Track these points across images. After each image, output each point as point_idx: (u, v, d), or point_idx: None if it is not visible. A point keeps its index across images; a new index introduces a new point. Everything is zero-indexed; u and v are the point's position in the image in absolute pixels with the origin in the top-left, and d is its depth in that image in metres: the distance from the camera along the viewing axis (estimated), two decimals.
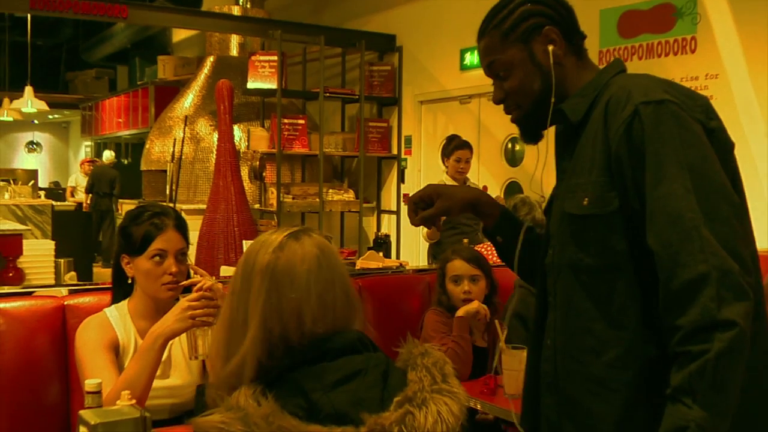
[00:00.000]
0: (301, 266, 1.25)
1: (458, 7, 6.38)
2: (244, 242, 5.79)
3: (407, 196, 6.98)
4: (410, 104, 7.18)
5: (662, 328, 1.26)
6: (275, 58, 6.79)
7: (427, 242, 5.16)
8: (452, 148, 5.01)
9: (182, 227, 2.14)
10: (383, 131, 7.30)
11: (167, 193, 7.49)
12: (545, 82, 1.46)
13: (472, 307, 2.75)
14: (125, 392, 1.58)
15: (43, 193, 11.80)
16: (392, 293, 3.18)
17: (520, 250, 1.64)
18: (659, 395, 1.29)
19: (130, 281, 2.14)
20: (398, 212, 7.27)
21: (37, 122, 17.09)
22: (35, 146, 17.77)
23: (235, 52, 8.20)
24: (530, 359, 1.56)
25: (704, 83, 4.61)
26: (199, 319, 1.93)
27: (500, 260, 1.75)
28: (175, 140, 7.55)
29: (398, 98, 7.28)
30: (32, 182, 11.89)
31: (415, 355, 1.26)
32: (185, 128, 7.45)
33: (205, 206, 6.62)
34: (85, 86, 14.39)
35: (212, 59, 8.22)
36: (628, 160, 1.31)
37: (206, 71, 8.16)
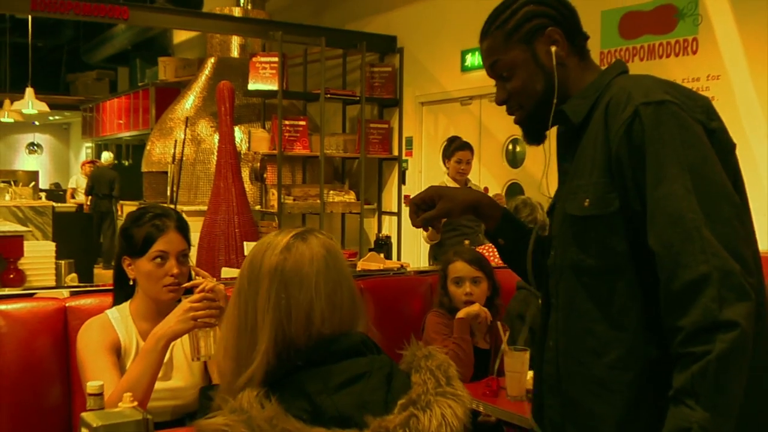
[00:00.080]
0: (309, 267, 1.25)
1: (459, 8, 6.38)
2: (245, 244, 5.78)
3: (408, 197, 6.98)
4: (411, 105, 7.18)
5: (664, 329, 1.26)
6: (276, 59, 6.79)
7: (427, 243, 5.16)
8: (453, 149, 5.01)
9: (183, 229, 2.14)
10: (384, 132, 7.30)
11: (168, 194, 7.48)
12: (548, 82, 1.47)
13: (472, 309, 2.75)
14: (127, 394, 1.58)
15: (43, 194, 11.82)
16: (394, 295, 3.18)
17: (522, 254, 1.64)
18: (660, 396, 1.29)
19: (131, 283, 2.13)
20: (399, 213, 7.26)
21: (37, 124, 17.11)
22: (36, 148, 17.78)
23: (235, 53, 8.20)
24: (536, 361, 1.57)
25: (706, 84, 4.61)
26: (201, 320, 1.93)
27: (502, 262, 1.75)
28: (176, 142, 7.55)
29: (399, 99, 7.27)
30: (33, 184, 11.91)
31: (418, 357, 1.25)
32: (186, 130, 7.45)
33: (206, 208, 6.63)
34: (85, 88, 14.41)
35: (213, 60, 8.22)
36: (628, 160, 1.31)
37: (207, 72, 8.16)
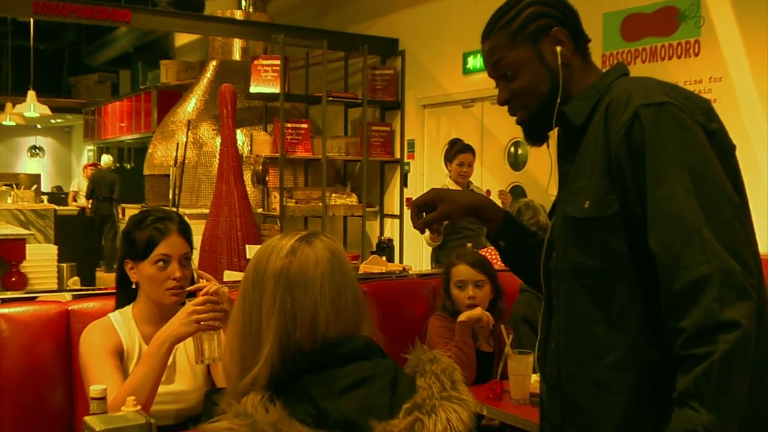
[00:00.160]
0: (314, 270, 1.24)
1: (461, 10, 6.38)
2: (247, 247, 5.79)
3: (410, 200, 6.97)
4: (413, 108, 7.18)
5: (664, 330, 1.25)
6: (278, 62, 6.79)
7: (429, 246, 5.15)
8: (455, 152, 5.01)
9: (186, 232, 2.14)
10: (386, 135, 7.30)
11: (170, 197, 7.49)
12: (553, 82, 1.47)
13: (474, 312, 2.74)
14: (130, 398, 1.58)
15: (45, 197, 11.80)
16: (396, 298, 3.17)
17: (523, 257, 1.64)
18: (661, 398, 1.29)
19: (134, 286, 2.13)
20: (401, 216, 7.26)
21: (39, 127, 17.11)
22: (38, 151, 17.79)
23: (237, 56, 8.21)
24: (539, 363, 1.57)
25: (708, 86, 4.60)
26: (204, 323, 1.92)
27: (504, 265, 1.75)
28: (177, 145, 7.55)
29: (401, 102, 7.28)
30: (35, 187, 11.93)
31: (423, 361, 1.25)
32: (188, 133, 7.45)
33: (208, 211, 6.63)
34: (87, 91, 14.41)
35: (215, 63, 8.23)
36: (628, 162, 1.31)
37: (209, 75, 8.17)
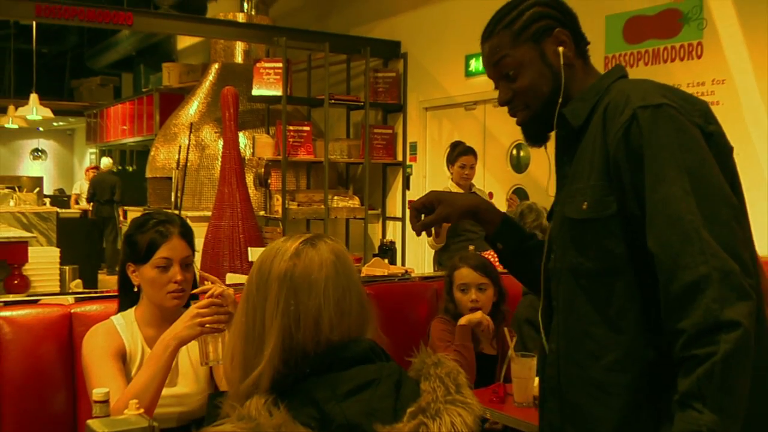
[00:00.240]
0: (319, 273, 1.24)
1: (463, 13, 6.38)
2: (249, 249, 5.79)
3: (412, 202, 6.97)
4: (415, 111, 7.18)
5: (665, 331, 1.25)
6: (280, 65, 6.79)
7: (432, 249, 5.15)
8: (456, 154, 5.01)
9: (187, 235, 2.13)
10: (388, 138, 7.30)
11: (172, 200, 7.49)
12: (555, 82, 1.47)
13: (475, 316, 2.74)
14: (133, 401, 1.58)
15: (48, 200, 11.82)
16: (399, 301, 3.16)
17: (521, 259, 1.66)
18: (659, 399, 1.30)
19: (135, 290, 2.13)
20: (403, 219, 7.26)
21: (42, 129, 17.13)
22: (40, 153, 17.81)
23: (239, 59, 8.21)
24: (539, 364, 1.57)
25: (711, 89, 4.60)
26: (208, 326, 1.92)
27: (502, 267, 1.75)
28: (180, 147, 7.56)
29: (403, 105, 7.28)
30: (37, 189, 11.93)
31: (428, 365, 1.24)
32: (190, 135, 7.45)
33: (210, 213, 6.63)
34: (90, 93, 14.44)
35: (217, 66, 8.24)
36: (626, 164, 1.31)
37: (211, 78, 8.17)
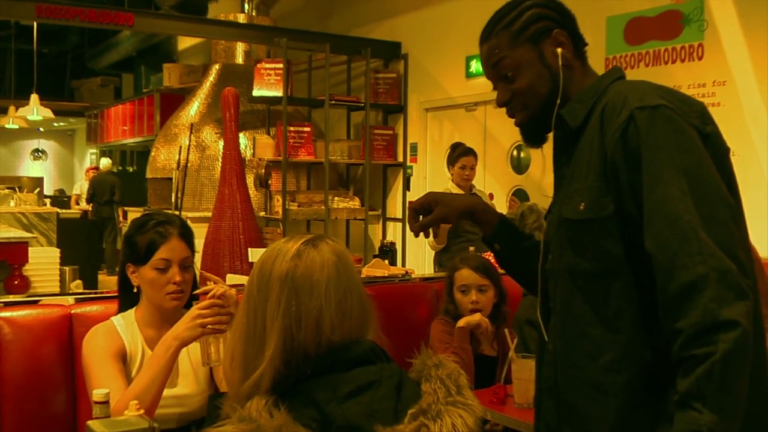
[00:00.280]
0: (320, 274, 1.24)
1: (464, 14, 6.38)
2: (249, 250, 5.79)
3: (410, 203, 6.97)
4: (416, 112, 7.18)
5: (663, 332, 1.26)
6: (281, 65, 6.79)
7: (432, 250, 5.14)
8: (456, 155, 5.00)
9: (187, 236, 2.12)
10: (389, 139, 7.29)
11: (173, 200, 7.49)
12: (553, 83, 1.47)
13: (473, 318, 2.73)
14: (133, 402, 1.58)
15: (48, 200, 11.82)
16: (399, 302, 3.16)
17: (518, 259, 1.67)
18: (656, 399, 1.30)
19: (135, 290, 2.12)
20: (404, 220, 7.25)
21: (42, 130, 17.14)
22: (41, 154, 17.81)
23: (240, 59, 8.21)
24: (537, 365, 1.57)
25: (711, 90, 4.60)
26: (210, 327, 1.92)
27: (500, 267, 1.77)
28: (180, 148, 7.55)
29: (404, 106, 7.27)
30: (38, 190, 11.91)
31: (429, 366, 1.24)
32: (191, 136, 7.45)
33: (210, 214, 6.62)
34: (90, 94, 14.43)
35: (218, 67, 8.23)
36: (623, 164, 1.32)
37: (212, 79, 8.17)
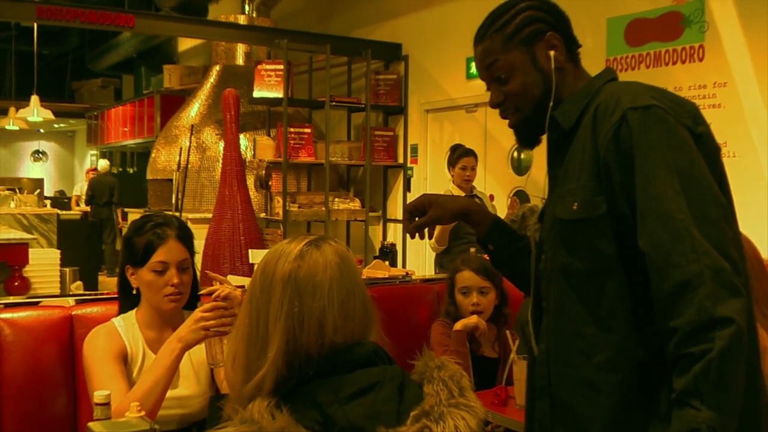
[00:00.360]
0: (323, 275, 1.24)
1: (464, 15, 6.38)
2: (250, 251, 5.78)
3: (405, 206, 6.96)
4: (416, 113, 7.18)
5: (657, 331, 1.26)
6: (281, 67, 6.79)
7: (433, 251, 5.14)
8: (457, 156, 5.00)
9: (185, 237, 2.12)
10: (389, 140, 7.29)
11: (173, 202, 7.49)
12: (546, 85, 1.48)
13: (470, 321, 2.73)
14: (134, 404, 1.57)
15: (48, 202, 11.82)
16: (400, 303, 3.16)
17: (512, 259, 1.70)
18: (649, 398, 1.31)
19: (134, 292, 2.12)
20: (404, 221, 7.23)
21: (42, 131, 17.14)
22: (41, 155, 17.82)
23: (241, 61, 8.21)
24: (528, 365, 1.58)
25: (712, 91, 4.59)
26: (213, 329, 1.92)
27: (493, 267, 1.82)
28: (181, 149, 7.56)
29: (404, 107, 7.27)
30: (38, 191, 11.91)
31: (431, 368, 1.24)
32: (191, 137, 7.45)
33: (211, 215, 6.63)
34: (90, 95, 14.44)
35: (218, 68, 8.24)
36: (616, 164, 1.33)
37: (212, 80, 8.17)
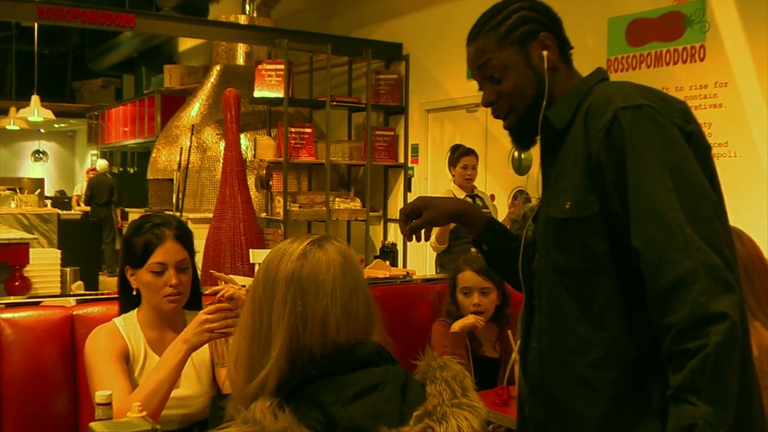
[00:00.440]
0: (326, 274, 1.24)
1: (465, 15, 6.35)
2: (250, 251, 5.79)
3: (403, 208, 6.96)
4: (417, 113, 7.17)
5: (652, 327, 1.27)
6: (282, 66, 6.79)
7: (434, 251, 5.13)
8: (458, 155, 5.00)
9: (183, 237, 2.11)
10: (390, 140, 7.29)
11: (174, 202, 7.49)
12: (539, 85, 1.49)
13: (467, 322, 2.73)
14: (135, 404, 1.57)
15: (49, 201, 11.82)
16: (401, 303, 3.16)
17: (506, 259, 1.69)
18: (641, 394, 1.32)
19: (134, 293, 2.12)
20: None
21: (43, 131, 17.14)
22: (41, 155, 17.81)
23: (241, 60, 8.20)
24: (520, 363, 1.58)
25: (713, 91, 4.59)
26: (217, 331, 1.92)
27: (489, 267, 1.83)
28: (181, 149, 7.55)
29: (405, 107, 7.27)
30: (38, 191, 11.90)
31: (434, 368, 1.24)
32: (192, 137, 7.45)
33: (211, 215, 6.62)
34: (91, 95, 14.43)
35: (219, 68, 8.23)
36: (608, 163, 1.34)
37: (213, 80, 8.17)
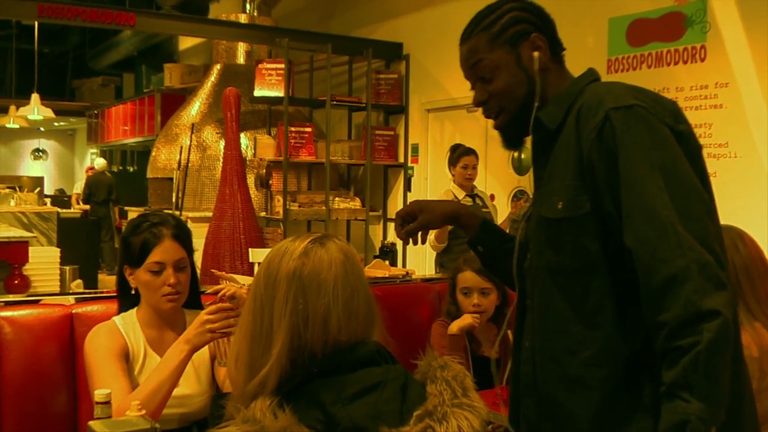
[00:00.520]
0: (328, 272, 1.23)
1: (465, 15, 6.30)
2: (250, 250, 5.79)
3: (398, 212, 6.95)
4: (417, 112, 7.17)
5: (645, 325, 1.28)
6: (282, 66, 6.79)
7: (434, 250, 5.13)
8: (458, 155, 4.99)
9: (181, 236, 2.11)
10: (390, 139, 7.29)
11: (173, 200, 7.49)
12: (530, 86, 1.50)
13: (464, 322, 2.72)
14: (135, 402, 1.57)
15: (48, 200, 11.81)
16: (400, 303, 3.16)
17: (501, 260, 1.70)
18: (634, 391, 1.33)
19: (133, 292, 2.12)
20: None
21: (43, 130, 17.13)
22: (41, 153, 17.80)
23: (241, 59, 8.20)
24: (512, 362, 1.59)
25: (714, 92, 4.59)
26: (218, 331, 1.91)
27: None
28: (181, 148, 7.55)
29: (405, 106, 7.27)
30: (38, 189, 11.90)
31: (434, 367, 1.24)
32: (192, 136, 7.45)
33: (211, 214, 6.62)
34: (91, 94, 14.43)
35: (219, 67, 8.23)
36: (600, 163, 1.34)
37: (213, 79, 8.17)
